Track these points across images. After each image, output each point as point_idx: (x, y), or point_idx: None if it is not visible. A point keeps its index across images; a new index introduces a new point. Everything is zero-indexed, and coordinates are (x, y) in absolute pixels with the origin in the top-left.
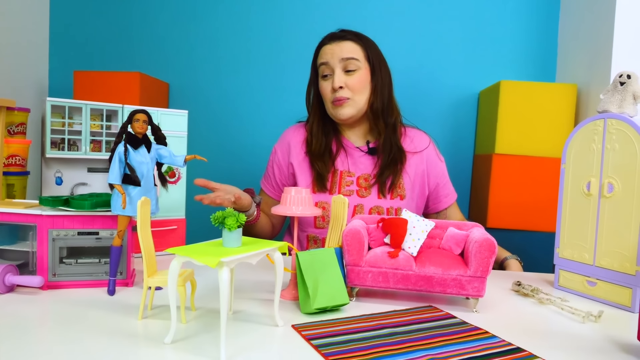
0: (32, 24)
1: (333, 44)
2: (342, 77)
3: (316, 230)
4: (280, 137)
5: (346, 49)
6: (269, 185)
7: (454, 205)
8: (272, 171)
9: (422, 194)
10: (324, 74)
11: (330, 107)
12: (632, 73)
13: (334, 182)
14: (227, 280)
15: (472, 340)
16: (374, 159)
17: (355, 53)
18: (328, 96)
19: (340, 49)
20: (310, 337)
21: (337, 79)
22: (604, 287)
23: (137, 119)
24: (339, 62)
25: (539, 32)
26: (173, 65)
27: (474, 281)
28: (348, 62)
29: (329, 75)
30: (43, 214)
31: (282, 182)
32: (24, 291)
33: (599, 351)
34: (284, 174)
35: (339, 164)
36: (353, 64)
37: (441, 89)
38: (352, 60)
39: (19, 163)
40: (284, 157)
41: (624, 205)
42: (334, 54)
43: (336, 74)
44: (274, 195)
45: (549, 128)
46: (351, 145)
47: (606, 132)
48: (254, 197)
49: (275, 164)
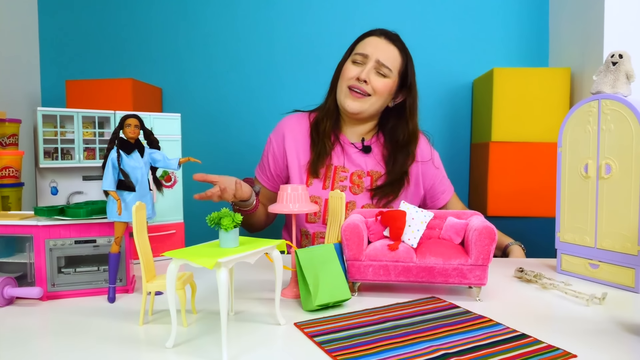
0: (22, 35)
1: (381, 40)
2: (371, 75)
3: (307, 224)
4: (276, 126)
5: (388, 55)
6: (264, 176)
7: (452, 199)
8: (267, 161)
9: (416, 193)
10: (356, 60)
11: (344, 92)
12: (623, 52)
13: (328, 177)
14: (225, 281)
15: (477, 329)
16: (367, 156)
17: (394, 63)
18: (347, 78)
19: (385, 50)
20: (313, 334)
21: (366, 72)
22: (607, 269)
23: (129, 124)
24: (375, 61)
25: (530, 17)
26: (165, 70)
27: (475, 270)
28: (382, 67)
29: (360, 63)
30: (39, 224)
31: (277, 173)
32: (23, 303)
33: (604, 333)
34: (279, 165)
35: (335, 159)
36: (385, 71)
37: (435, 80)
38: (386, 68)
39: (13, 175)
40: (278, 147)
41: (623, 185)
42: (377, 50)
43: (367, 67)
44: (269, 185)
45: (544, 113)
46: (347, 141)
47: (601, 113)
48: (254, 187)
49: (271, 154)
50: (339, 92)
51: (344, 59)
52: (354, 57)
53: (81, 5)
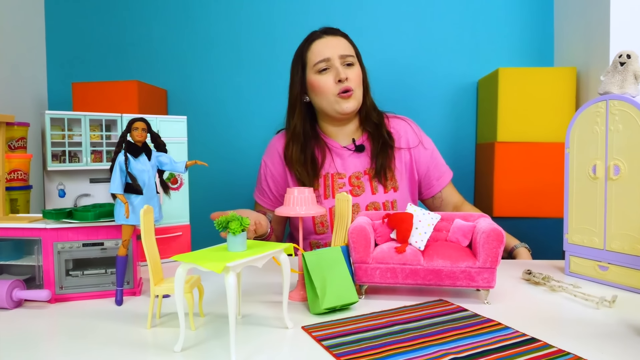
0: (29, 39)
1: (328, 38)
2: (345, 71)
3: (317, 236)
4: (267, 148)
5: (343, 44)
6: (267, 199)
7: (448, 186)
8: (266, 184)
9: (412, 181)
10: (322, 69)
11: (334, 100)
12: (631, 52)
13: (327, 186)
14: (234, 285)
15: (485, 333)
16: (362, 156)
17: (350, 49)
18: (331, 89)
19: (338, 44)
20: (321, 337)
21: (342, 71)
22: (616, 271)
23: (136, 127)
24: (338, 57)
25: (535, 16)
26: (170, 72)
27: (483, 272)
28: (346, 58)
29: (328, 69)
30: (47, 227)
31: (280, 193)
32: (32, 306)
33: (615, 337)
34: (279, 184)
35: (328, 167)
36: (350, 59)
37: (440, 80)
38: (349, 56)
39: (21, 178)
40: (275, 167)
41: (632, 186)
42: (334, 48)
43: (338, 66)
44: (273, 207)
45: (550, 113)
46: (337, 146)
47: (609, 114)
48: (267, 215)
49: (269, 176)
50: (327, 104)
51: (297, 75)
52: (316, 67)
53: (87, 9)
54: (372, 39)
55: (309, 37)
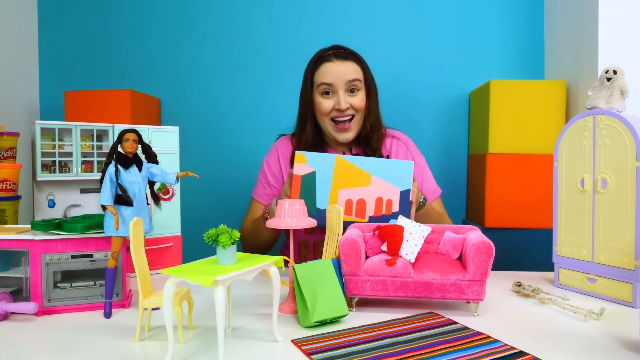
0: (21, 46)
1: (337, 63)
2: (347, 98)
3: (306, 235)
4: (270, 150)
5: (351, 71)
6: (269, 194)
7: (435, 202)
8: (266, 181)
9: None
10: (325, 92)
11: (331, 128)
12: (617, 68)
13: None
14: (222, 299)
15: (475, 346)
16: None
17: (358, 74)
18: (326, 113)
19: (345, 71)
20: (311, 351)
21: (343, 100)
22: (604, 284)
23: (127, 138)
24: (344, 84)
25: (526, 30)
26: (164, 81)
27: (473, 285)
28: (352, 83)
29: (331, 93)
30: (35, 238)
31: (280, 188)
32: (18, 318)
33: (602, 350)
34: (279, 181)
35: None
36: (356, 83)
37: (432, 92)
38: (355, 81)
39: (10, 188)
40: (276, 167)
41: (619, 200)
42: (339, 75)
43: (341, 94)
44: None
45: (541, 125)
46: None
47: (596, 128)
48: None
49: (270, 173)
50: (324, 124)
51: (307, 89)
52: (320, 88)
53: (80, 17)
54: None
55: (320, 57)
